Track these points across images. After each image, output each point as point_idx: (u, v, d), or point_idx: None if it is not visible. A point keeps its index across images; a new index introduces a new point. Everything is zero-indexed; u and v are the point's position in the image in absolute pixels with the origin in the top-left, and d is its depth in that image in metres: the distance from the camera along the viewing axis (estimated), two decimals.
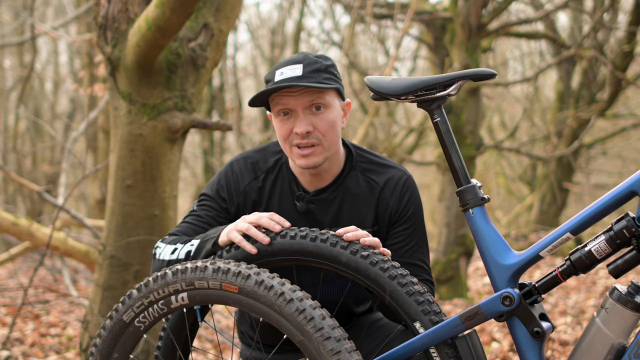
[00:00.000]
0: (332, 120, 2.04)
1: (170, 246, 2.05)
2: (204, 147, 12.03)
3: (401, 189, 2.13)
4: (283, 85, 1.98)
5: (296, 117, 2.03)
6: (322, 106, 2.03)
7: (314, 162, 2.04)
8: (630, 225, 1.63)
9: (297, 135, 2.02)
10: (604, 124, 11.91)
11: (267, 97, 2.06)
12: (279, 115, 2.05)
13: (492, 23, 7.20)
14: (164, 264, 2.02)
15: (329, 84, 2.02)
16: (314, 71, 2.02)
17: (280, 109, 2.04)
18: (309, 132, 2.01)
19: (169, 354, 2.01)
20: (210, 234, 2.01)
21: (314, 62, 2.04)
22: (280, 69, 2.04)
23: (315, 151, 2.03)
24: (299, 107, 2.02)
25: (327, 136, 2.04)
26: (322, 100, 2.03)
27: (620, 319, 1.65)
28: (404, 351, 1.81)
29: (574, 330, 4.71)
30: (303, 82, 1.99)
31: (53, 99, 13.84)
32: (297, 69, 2.02)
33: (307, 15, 17.37)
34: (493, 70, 1.80)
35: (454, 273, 6.63)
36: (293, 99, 2.02)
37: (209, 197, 2.18)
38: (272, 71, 2.07)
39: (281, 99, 2.03)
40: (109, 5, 3.16)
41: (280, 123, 2.05)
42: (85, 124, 5.96)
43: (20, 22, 10.17)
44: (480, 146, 7.12)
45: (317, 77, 2.02)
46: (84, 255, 4.24)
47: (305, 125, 2.01)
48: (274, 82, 2.02)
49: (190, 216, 2.16)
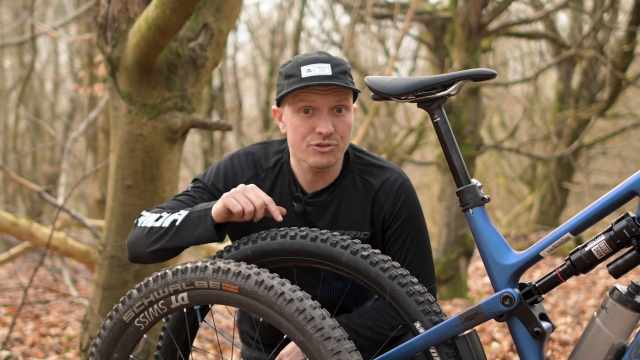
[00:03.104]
0: (350, 124, 2.05)
1: (154, 214, 2.04)
2: (204, 147, 12.03)
3: (396, 192, 2.11)
4: (317, 83, 1.97)
5: (320, 116, 2.01)
6: (344, 108, 2.03)
7: (328, 161, 2.03)
8: (631, 225, 1.63)
9: (319, 135, 2.00)
10: (604, 124, 11.91)
11: (291, 93, 2.02)
12: (300, 113, 2.02)
13: (492, 23, 7.20)
14: (145, 230, 2.01)
15: (354, 87, 2.03)
16: (342, 72, 2.02)
17: (303, 106, 2.01)
18: (331, 133, 2.01)
19: (169, 354, 2.01)
20: (202, 205, 1.99)
21: (340, 63, 2.04)
22: (306, 66, 2.01)
23: (332, 151, 2.03)
24: (324, 107, 2.01)
25: (345, 139, 2.05)
26: (346, 102, 2.04)
27: (620, 319, 1.65)
28: (404, 351, 1.81)
29: (574, 330, 4.71)
30: (335, 81, 1.98)
31: (53, 99, 13.84)
32: (326, 68, 2.00)
33: (307, 15, 17.36)
34: (493, 70, 1.80)
35: (454, 273, 6.63)
36: (321, 98, 2.00)
37: (203, 186, 2.16)
38: (295, 67, 2.03)
39: (308, 95, 2.01)
40: (109, 5, 3.16)
41: (301, 121, 2.02)
42: (85, 124, 5.95)
43: (20, 22, 10.16)
44: (480, 146, 7.12)
45: (345, 78, 2.02)
46: (84, 255, 4.24)
47: (330, 125, 2.00)
48: (302, 79, 1.99)
49: (183, 195, 2.14)
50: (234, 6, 3.30)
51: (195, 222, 1.96)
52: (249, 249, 1.92)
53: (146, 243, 2.01)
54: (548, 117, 11.77)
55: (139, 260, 2.06)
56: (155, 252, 2.01)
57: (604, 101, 8.41)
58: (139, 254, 2.04)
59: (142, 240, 2.03)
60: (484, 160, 13.49)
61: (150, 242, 2.00)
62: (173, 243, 1.98)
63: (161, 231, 2.00)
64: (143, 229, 2.03)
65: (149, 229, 2.02)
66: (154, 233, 2.00)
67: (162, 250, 2.00)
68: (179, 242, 1.98)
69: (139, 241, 2.03)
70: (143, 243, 2.02)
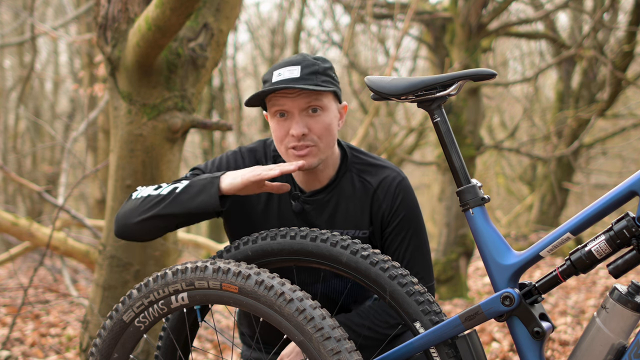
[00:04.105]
0: (328, 123, 2.03)
1: (151, 187, 1.99)
2: (204, 147, 12.04)
3: (394, 190, 2.11)
4: (280, 87, 1.97)
5: (292, 118, 2.01)
6: (318, 108, 2.02)
7: (309, 163, 2.02)
8: (631, 225, 1.63)
9: (292, 137, 2.01)
10: (604, 124, 11.91)
11: (264, 98, 2.05)
12: (275, 117, 2.04)
13: (492, 23, 7.20)
14: (139, 200, 1.95)
15: (326, 87, 2.01)
16: (312, 73, 2.01)
17: (276, 110, 2.03)
18: (305, 134, 2.00)
19: (169, 354, 2.01)
20: (208, 175, 1.95)
21: (312, 64, 2.03)
22: (278, 70, 2.02)
23: (310, 152, 2.02)
24: (295, 109, 2.01)
25: (323, 139, 2.03)
26: (319, 102, 2.02)
27: (620, 319, 1.65)
28: (404, 351, 1.81)
29: (574, 330, 4.71)
30: (300, 84, 1.98)
31: (53, 99, 13.84)
32: (295, 71, 2.00)
33: (307, 15, 17.37)
34: (493, 70, 1.80)
35: (454, 273, 6.63)
36: (290, 101, 2.00)
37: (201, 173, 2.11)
38: (269, 72, 2.05)
39: (278, 100, 2.02)
40: (109, 5, 3.16)
41: (277, 125, 2.04)
42: (85, 124, 5.95)
43: (20, 22, 10.17)
44: (480, 146, 7.12)
45: (315, 79, 2.01)
46: (84, 255, 4.24)
47: (301, 127, 1.99)
48: (272, 83, 2.01)
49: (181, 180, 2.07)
50: (234, 6, 3.30)
51: (200, 189, 1.92)
52: (249, 249, 1.92)
53: (140, 211, 1.93)
54: (548, 117, 11.78)
55: (127, 232, 1.96)
56: (148, 220, 1.92)
57: (604, 101, 8.41)
58: (128, 224, 1.94)
59: (135, 209, 1.94)
60: (484, 160, 13.50)
61: (144, 209, 1.92)
62: (170, 209, 1.91)
63: (158, 198, 1.93)
64: (138, 199, 1.95)
65: (144, 197, 1.95)
66: (151, 200, 1.93)
67: (157, 217, 1.92)
68: (177, 209, 1.91)
69: (131, 210, 1.95)
70: (136, 212, 1.93)
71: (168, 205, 1.92)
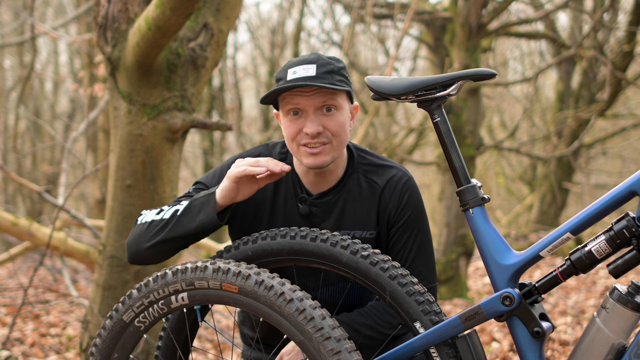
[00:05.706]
0: (342, 122, 2.03)
1: (154, 211, 2.02)
2: (204, 147, 12.03)
3: (401, 190, 2.11)
4: (298, 84, 1.97)
5: (306, 117, 2.01)
6: (333, 107, 2.02)
7: (322, 161, 2.02)
8: (631, 225, 1.63)
9: (306, 135, 2.01)
10: (604, 124, 11.91)
11: (277, 96, 2.05)
12: (289, 115, 2.03)
13: (492, 23, 7.20)
14: (145, 225, 1.99)
15: (341, 86, 2.01)
16: (327, 72, 2.01)
17: (290, 108, 2.03)
18: (319, 132, 2.00)
19: (169, 354, 2.01)
20: (204, 192, 1.98)
21: (327, 63, 2.03)
22: (292, 68, 2.02)
23: (324, 150, 2.02)
24: (310, 108, 2.01)
25: (338, 136, 2.03)
26: (334, 101, 2.02)
27: (620, 319, 1.65)
28: (404, 351, 1.81)
29: (574, 330, 4.71)
30: (316, 82, 1.98)
31: (53, 99, 13.84)
32: (311, 69, 2.00)
33: (307, 15, 17.36)
34: (493, 70, 1.80)
35: (454, 273, 6.63)
36: (305, 99, 2.00)
37: (205, 188, 2.13)
38: (283, 69, 2.04)
39: (293, 98, 2.01)
40: (109, 5, 3.16)
41: (290, 122, 2.03)
42: (85, 124, 5.95)
43: (20, 22, 10.17)
44: (480, 146, 7.12)
45: (330, 78, 2.01)
46: (84, 255, 4.24)
47: (315, 125, 1.99)
48: (286, 81, 2.00)
49: (184, 197, 2.11)
50: (234, 6, 3.30)
51: (198, 208, 1.96)
52: (249, 249, 1.92)
53: (147, 237, 1.98)
54: (548, 117, 11.78)
55: (139, 258, 2.02)
56: (156, 245, 1.97)
57: (604, 101, 8.41)
58: (139, 250, 2.00)
59: (142, 235, 1.99)
60: (484, 160, 13.50)
61: (151, 235, 1.98)
62: (175, 232, 1.96)
63: (162, 222, 1.98)
64: (143, 224, 2.00)
65: (149, 222, 1.99)
66: (155, 226, 1.98)
67: (164, 242, 1.97)
68: (181, 231, 1.96)
69: (139, 237, 2.00)
70: (144, 238, 1.99)
71: (172, 229, 1.97)
